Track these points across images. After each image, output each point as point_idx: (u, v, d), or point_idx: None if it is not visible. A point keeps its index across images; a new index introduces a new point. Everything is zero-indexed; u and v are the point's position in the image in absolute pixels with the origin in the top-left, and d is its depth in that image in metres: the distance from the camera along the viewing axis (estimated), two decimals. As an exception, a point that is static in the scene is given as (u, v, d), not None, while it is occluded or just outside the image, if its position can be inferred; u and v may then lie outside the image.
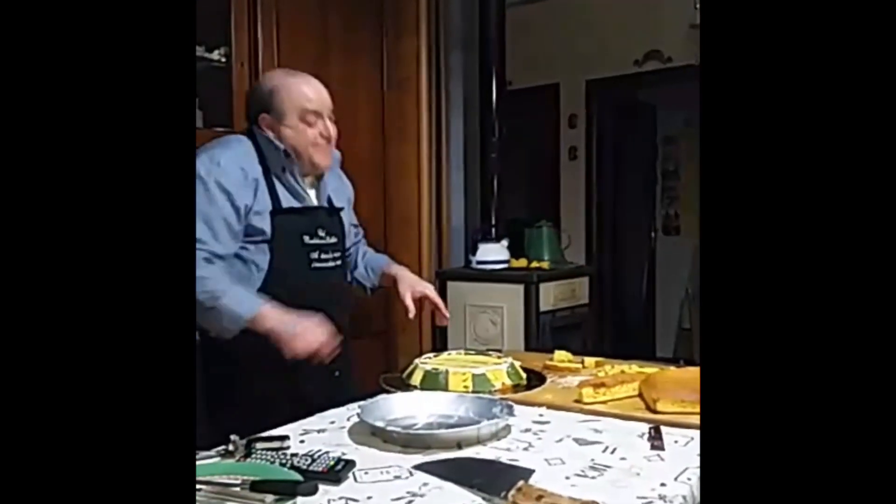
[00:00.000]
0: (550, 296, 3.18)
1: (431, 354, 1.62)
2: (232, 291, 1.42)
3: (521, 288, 3.11)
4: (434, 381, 1.46)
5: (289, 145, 1.54)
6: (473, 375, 1.46)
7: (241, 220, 1.47)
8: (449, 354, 1.63)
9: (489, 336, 3.11)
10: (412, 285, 1.71)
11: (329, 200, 1.67)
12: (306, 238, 1.57)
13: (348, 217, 1.75)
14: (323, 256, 1.60)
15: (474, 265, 3.31)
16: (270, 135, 1.54)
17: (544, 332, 3.07)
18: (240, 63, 2.28)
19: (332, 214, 1.66)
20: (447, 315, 1.72)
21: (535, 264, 3.35)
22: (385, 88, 2.98)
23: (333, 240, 1.64)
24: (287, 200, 1.55)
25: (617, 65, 4.30)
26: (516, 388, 1.49)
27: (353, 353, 1.71)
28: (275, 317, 1.41)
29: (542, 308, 3.11)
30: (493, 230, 3.44)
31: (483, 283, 3.22)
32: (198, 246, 1.41)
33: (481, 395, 1.38)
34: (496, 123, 3.44)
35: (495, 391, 1.44)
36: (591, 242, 4.44)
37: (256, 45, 2.34)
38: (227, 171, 1.46)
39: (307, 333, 1.40)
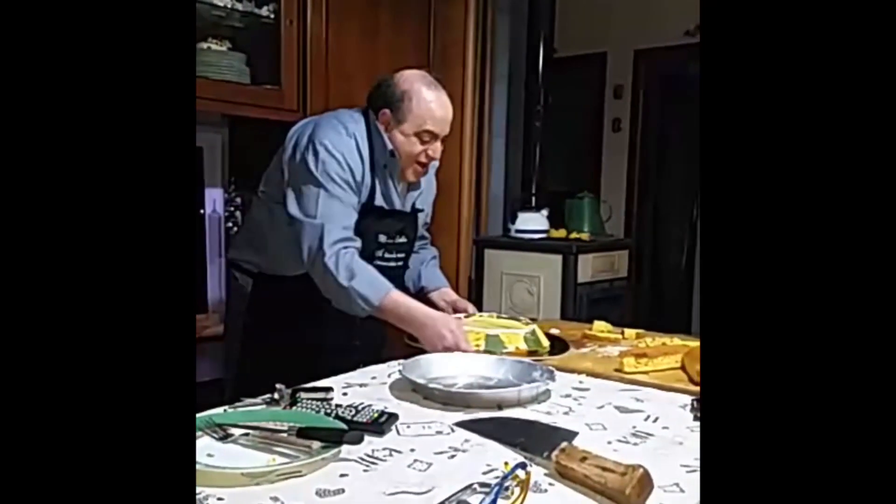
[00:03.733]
0: (589, 267, 3.15)
1: (462, 315, 1.61)
2: (364, 274, 1.46)
3: (559, 258, 3.09)
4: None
5: (395, 149, 1.57)
6: (487, 336, 1.45)
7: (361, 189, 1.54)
8: (481, 316, 1.63)
9: (525, 306, 3.10)
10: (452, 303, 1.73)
11: (413, 204, 1.69)
12: (382, 237, 1.60)
13: (425, 218, 1.76)
14: (387, 255, 1.63)
15: (513, 234, 3.30)
16: (382, 129, 1.57)
17: (581, 304, 3.06)
18: (288, 20, 2.27)
19: (411, 215, 1.68)
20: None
21: (574, 235, 3.33)
22: (431, 52, 2.95)
23: (403, 240, 1.66)
24: (379, 199, 1.59)
25: (667, 35, 4.19)
26: (532, 353, 1.47)
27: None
28: (407, 302, 1.46)
29: (580, 279, 3.09)
30: (534, 199, 3.41)
31: (521, 252, 3.21)
32: (342, 219, 1.49)
33: (501, 356, 1.38)
34: (541, 91, 3.39)
35: (505, 352, 1.43)
36: (632, 216, 4.37)
37: (305, 3, 2.32)
38: (352, 162, 1.52)
39: (438, 325, 1.42)
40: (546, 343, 1.54)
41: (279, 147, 1.62)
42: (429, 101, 1.54)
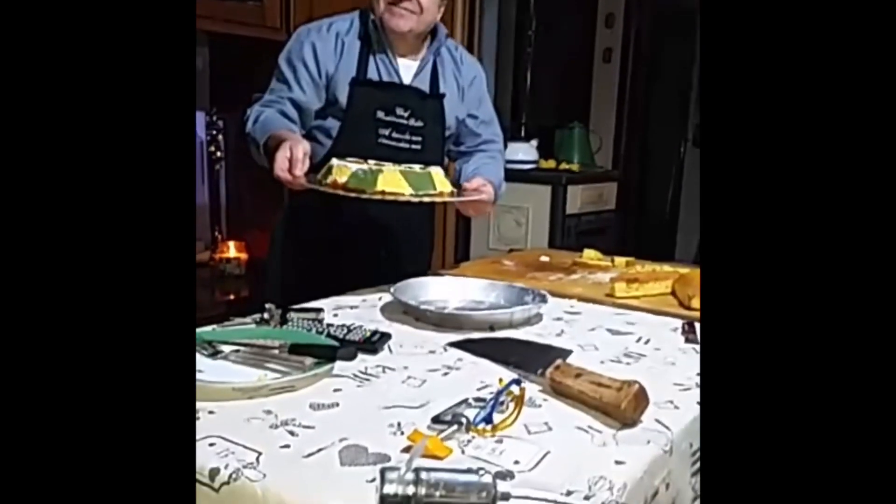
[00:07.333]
0: (577, 199, 3.13)
1: (362, 160, 1.38)
2: (264, 121, 1.44)
3: (548, 189, 3.06)
4: (326, 174, 1.32)
5: (374, 13, 1.52)
6: (353, 173, 1.27)
7: (322, 78, 1.51)
8: (393, 165, 1.36)
9: (513, 236, 3.09)
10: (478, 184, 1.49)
11: (434, 84, 1.59)
12: (380, 113, 1.52)
13: (457, 110, 1.62)
14: (395, 135, 1.54)
15: (501, 164, 3.25)
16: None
17: (569, 236, 3.04)
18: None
19: (427, 98, 1.58)
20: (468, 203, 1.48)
21: (563, 166, 3.29)
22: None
23: (418, 123, 1.56)
24: (373, 75, 1.53)
25: (662, -38, 4.06)
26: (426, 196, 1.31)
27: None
28: (280, 135, 1.36)
29: (569, 211, 3.07)
30: (523, 129, 3.36)
31: (510, 183, 3.13)
32: (278, 93, 1.50)
33: (372, 196, 1.24)
34: (533, 17, 3.29)
35: (374, 192, 1.26)
36: (620, 148, 4.33)
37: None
38: (323, 36, 1.52)
39: (278, 152, 1.29)
40: (445, 188, 1.34)
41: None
42: None
